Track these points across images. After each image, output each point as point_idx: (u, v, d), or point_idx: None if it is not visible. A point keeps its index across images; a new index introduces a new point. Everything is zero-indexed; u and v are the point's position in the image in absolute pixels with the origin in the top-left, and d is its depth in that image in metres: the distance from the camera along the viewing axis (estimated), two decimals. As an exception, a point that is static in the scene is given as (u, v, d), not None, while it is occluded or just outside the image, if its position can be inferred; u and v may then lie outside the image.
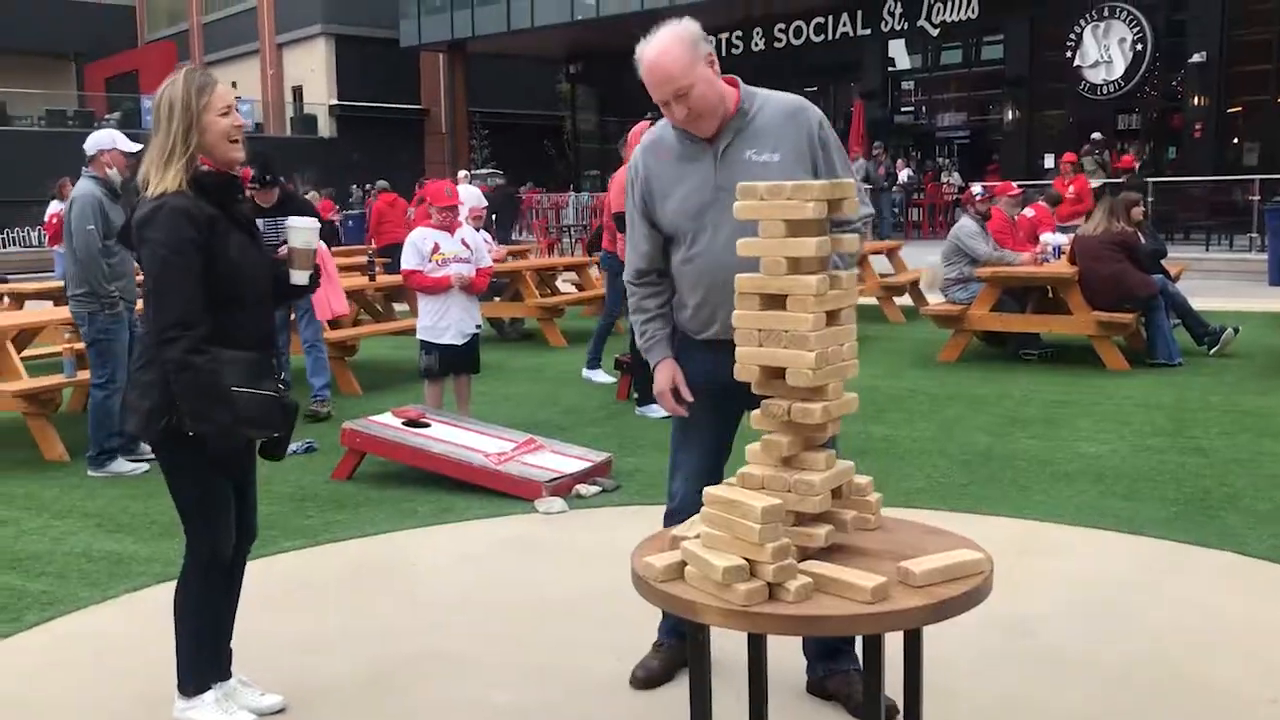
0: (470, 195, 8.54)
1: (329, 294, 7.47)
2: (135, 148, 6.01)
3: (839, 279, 2.44)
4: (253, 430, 2.92)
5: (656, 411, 7.46)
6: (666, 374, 3.13)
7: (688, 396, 3.11)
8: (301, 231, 3.15)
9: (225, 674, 3.15)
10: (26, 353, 7.86)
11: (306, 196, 17.41)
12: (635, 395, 7.63)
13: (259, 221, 7.36)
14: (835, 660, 3.22)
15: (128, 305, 6.13)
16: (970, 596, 2.30)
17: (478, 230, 11.05)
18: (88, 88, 39.67)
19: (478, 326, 6.78)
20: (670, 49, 2.89)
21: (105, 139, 6.17)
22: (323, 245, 7.49)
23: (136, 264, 5.63)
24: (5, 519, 5.37)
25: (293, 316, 7.72)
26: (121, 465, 6.17)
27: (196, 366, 2.77)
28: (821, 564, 2.33)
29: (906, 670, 2.55)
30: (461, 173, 22.76)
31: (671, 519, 3.16)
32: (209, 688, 3.06)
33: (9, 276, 13.45)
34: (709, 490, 2.40)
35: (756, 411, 2.50)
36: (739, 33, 27.35)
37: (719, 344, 2.93)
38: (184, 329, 2.77)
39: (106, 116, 34.76)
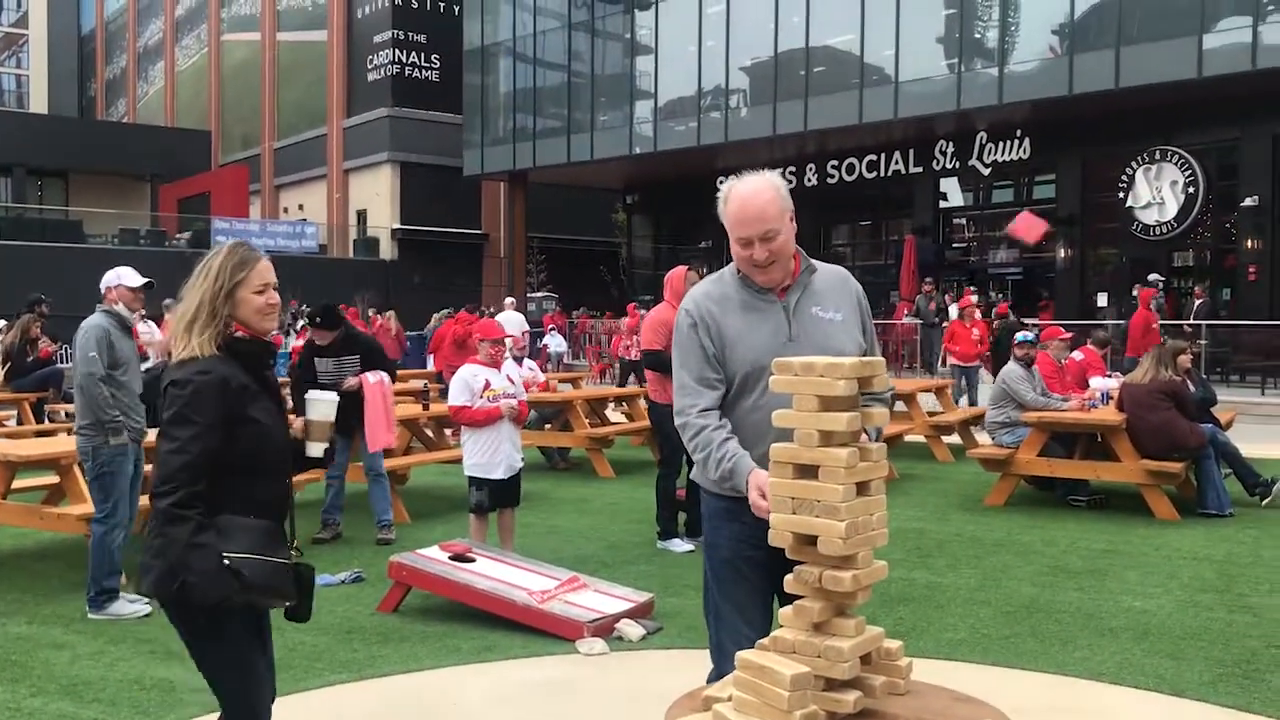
0: (513, 322, 8.78)
1: (384, 425, 7.68)
2: (140, 282, 6.24)
3: (869, 451, 2.56)
4: (264, 598, 2.90)
5: (679, 546, 7.53)
6: (759, 485, 2.84)
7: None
8: (320, 404, 3.17)
9: None
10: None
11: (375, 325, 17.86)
12: (658, 530, 7.70)
13: (319, 361, 7.71)
14: None
15: (133, 438, 6.11)
16: (994, 768, 2.35)
17: (522, 358, 11.35)
18: (161, 208, 41.20)
19: (522, 460, 6.94)
20: (765, 191, 3.03)
21: (112, 277, 6.29)
22: (385, 378, 7.78)
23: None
24: (63, 643, 5.52)
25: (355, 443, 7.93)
26: (122, 607, 5.99)
27: (187, 519, 2.78)
28: (849, 731, 2.39)
29: (933, 841, 2.57)
30: (508, 299, 23.32)
31: None
32: None
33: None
34: (740, 655, 2.49)
35: (790, 577, 2.59)
36: (793, 168, 27.96)
37: None
38: (180, 485, 2.79)
39: (177, 236, 36.03)
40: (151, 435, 6.92)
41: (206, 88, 50.96)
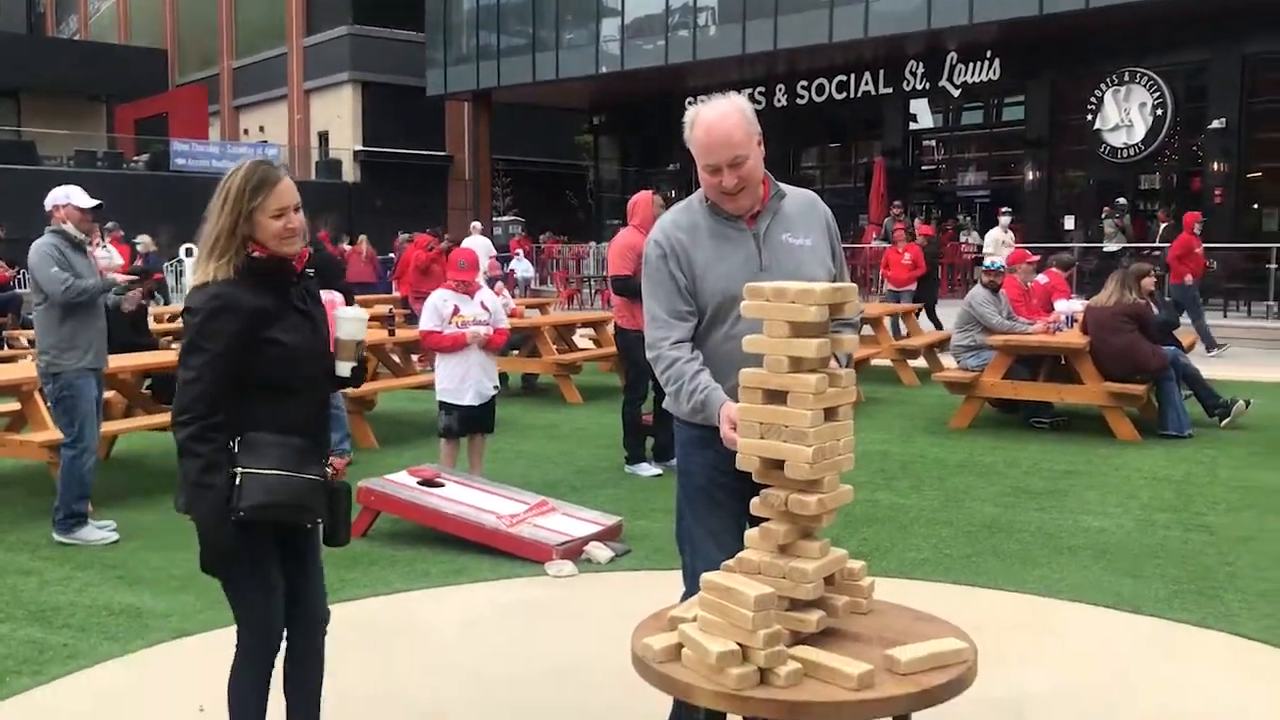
0: (480, 248, 8.70)
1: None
2: (91, 204, 6.05)
3: (838, 377, 2.57)
4: (292, 515, 2.88)
5: (646, 470, 7.59)
6: (730, 417, 2.77)
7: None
8: (346, 322, 3.06)
9: None
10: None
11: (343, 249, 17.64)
12: (625, 454, 7.74)
13: None
14: None
15: (94, 363, 5.97)
16: (954, 685, 2.40)
17: (496, 283, 11.27)
18: (118, 130, 40.37)
19: (495, 387, 6.93)
20: (731, 115, 2.96)
21: (60, 195, 6.08)
22: (337, 298, 7.72)
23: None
24: (30, 569, 5.51)
25: None
26: (90, 533, 5.97)
27: (199, 454, 2.78)
28: (812, 649, 2.43)
29: (894, 755, 2.63)
30: (474, 224, 23.15)
31: None
32: None
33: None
34: (706, 576, 2.52)
35: (757, 500, 2.62)
36: (762, 89, 27.69)
37: None
38: (195, 417, 2.79)
39: (135, 159, 35.37)
40: (113, 362, 6.85)
41: (161, 4, 49.62)
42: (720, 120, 2.95)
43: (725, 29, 26.33)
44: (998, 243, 17.20)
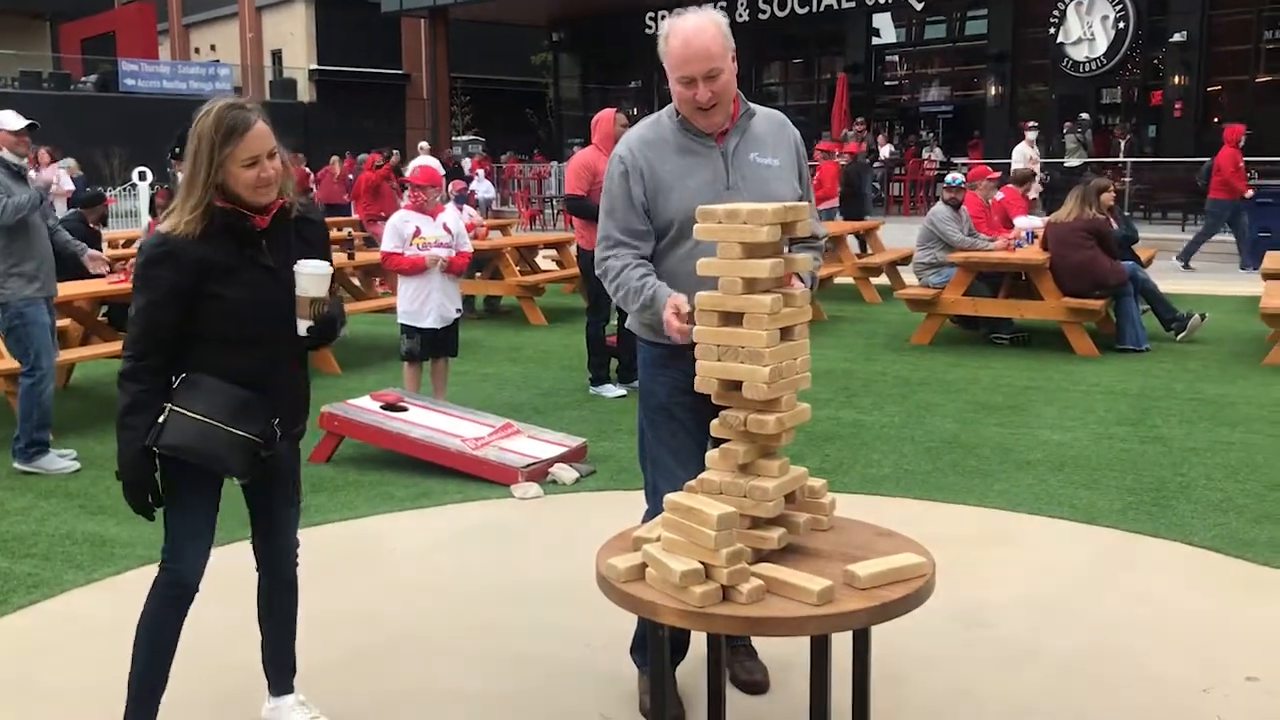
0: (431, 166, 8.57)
1: None
2: (21, 124, 5.79)
3: (793, 297, 2.57)
4: (203, 463, 2.78)
5: (611, 391, 7.61)
6: (675, 305, 2.81)
7: (690, 319, 2.77)
8: (304, 277, 2.84)
9: (278, 689, 3.21)
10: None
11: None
12: (589, 376, 7.75)
13: None
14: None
15: (43, 290, 5.84)
16: (912, 599, 2.44)
17: (463, 204, 11.14)
18: (63, 49, 39.32)
19: (458, 310, 6.89)
20: (709, 28, 2.92)
21: None
22: None
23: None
24: (-11, 499, 5.47)
25: None
26: (51, 461, 5.94)
27: (127, 392, 2.78)
28: (773, 566, 2.46)
29: (855, 668, 2.69)
30: (422, 144, 22.94)
31: None
32: None
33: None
34: (668, 497, 2.54)
35: (716, 420, 2.63)
36: (723, 4, 27.26)
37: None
38: (131, 356, 2.79)
39: (83, 79, 34.51)
40: (67, 290, 6.74)
41: (105, -82, 47.97)
42: (698, 32, 2.91)
43: (686, -59, 25.86)
44: (1025, 158, 16.59)
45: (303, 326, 2.88)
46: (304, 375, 3.07)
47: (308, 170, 21.96)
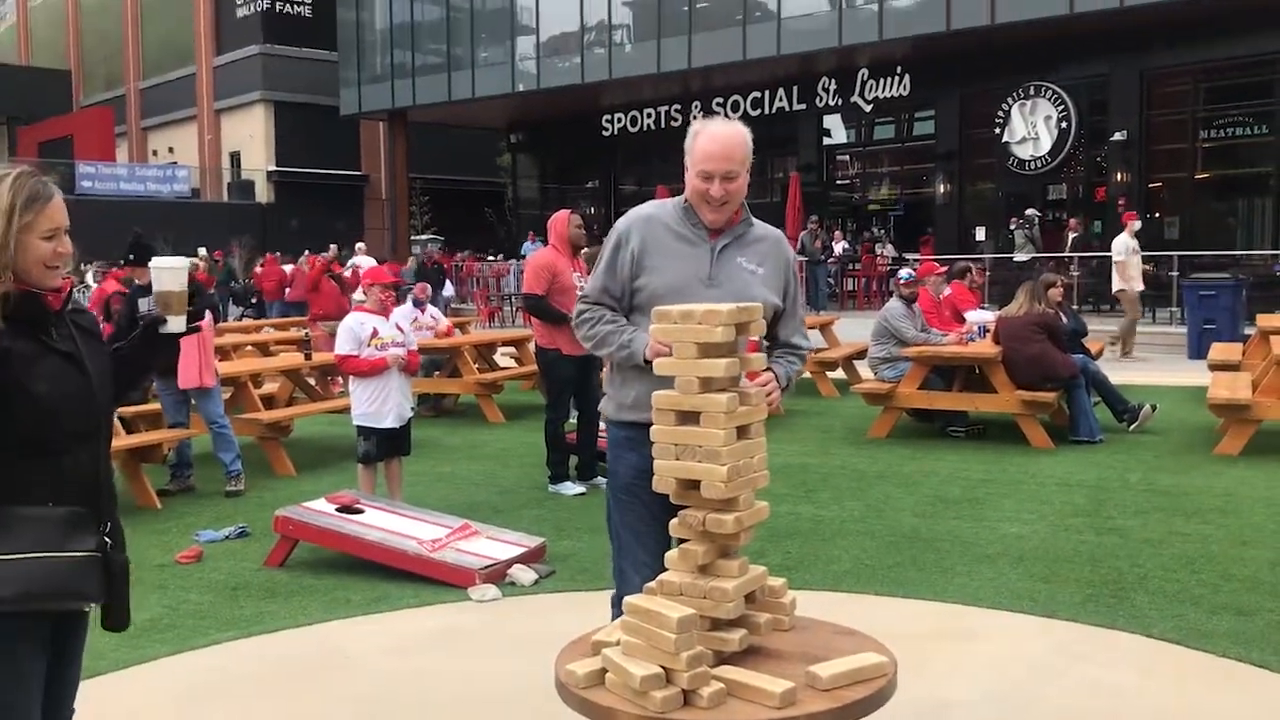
0: (368, 265, 8.66)
1: (195, 363, 7.51)
2: None
3: (748, 395, 2.59)
4: (57, 603, 2.40)
5: (570, 489, 7.56)
6: (657, 337, 2.78)
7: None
8: (165, 273, 2.67)
9: None
10: None
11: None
12: (548, 474, 7.71)
13: (142, 301, 7.53)
14: None
15: None
16: (874, 699, 2.43)
17: (427, 305, 11.17)
18: (20, 152, 39.24)
19: (413, 408, 6.87)
20: (738, 135, 3.18)
21: None
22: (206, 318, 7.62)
23: None
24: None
25: (193, 401, 7.80)
26: None
27: None
28: (734, 669, 2.44)
29: (818, 770, 2.65)
30: (359, 245, 23.23)
31: None
32: None
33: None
34: (627, 600, 2.52)
35: (674, 520, 2.63)
36: (678, 105, 27.91)
37: None
38: None
39: (40, 182, 34.42)
40: None
41: (63, 23, 48.48)
42: (729, 135, 3.17)
43: (641, 47, 26.51)
44: (1128, 249, 15.71)
45: (179, 324, 2.68)
46: (112, 478, 2.68)
47: (284, 269, 22.06)
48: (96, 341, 2.61)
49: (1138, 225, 16.13)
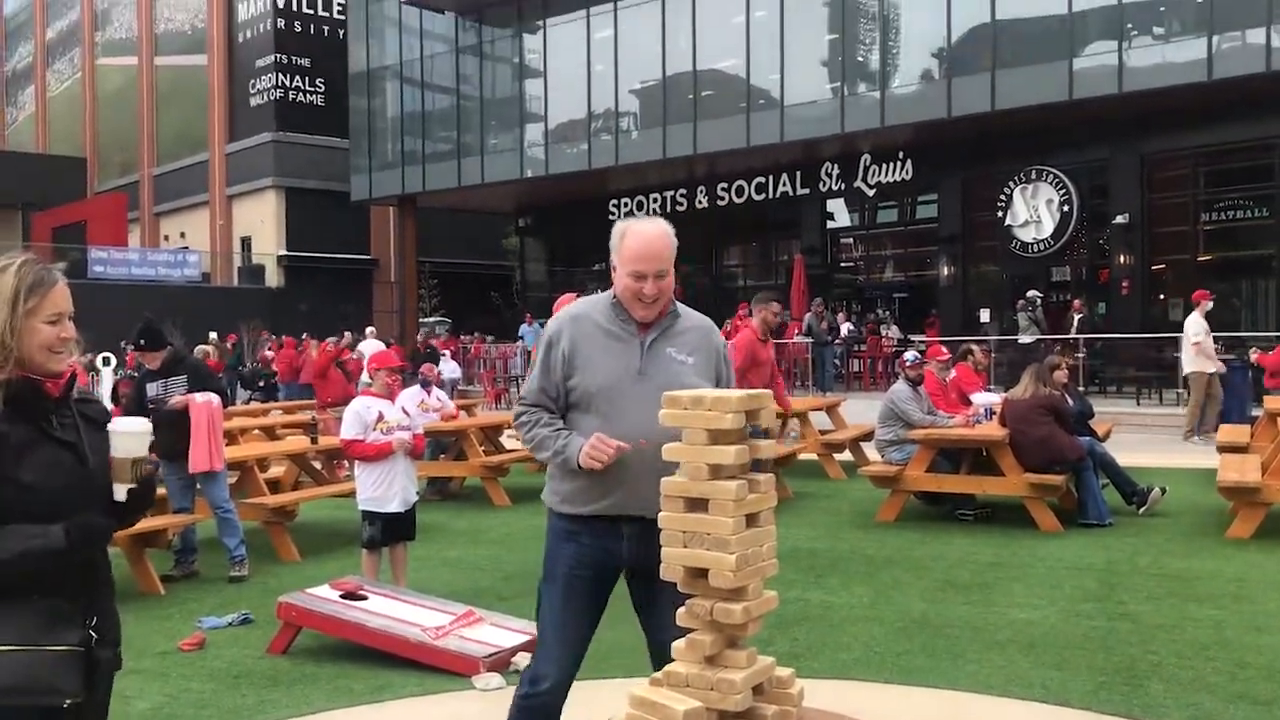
0: (373, 350, 8.71)
1: (205, 447, 7.51)
2: None
3: (758, 483, 2.59)
4: (35, 699, 2.34)
5: None
6: (590, 440, 3.16)
7: (619, 444, 3.15)
8: (120, 437, 2.54)
9: None
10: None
11: (205, 350, 17.43)
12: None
13: (150, 386, 7.55)
14: None
15: None
16: (886, 795, 2.38)
17: (431, 386, 11.18)
18: (34, 237, 39.74)
19: (418, 492, 6.86)
20: (665, 235, 3.31)
21: None
22: (214, 399, 7.63)
23: None
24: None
25: (199, 485, 7.78)
26: None
27: None
28: (743, 764, 2.41)
29: None
30: (369, 329, 23.37)
31: (542, 712, 3.38)
32: None
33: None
34: (632, 693, 2.49)
35: (682, 609, 2.61)
36: (683, 190, 28.25)
37: (604, 522, 3.25)
38: None
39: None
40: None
41: (81, 113, 49.44)
42: (658, 236, 3.29)
43: (647, 133, 26.93)
44: (1204, 329, 14.71)
45: (121, 491, 2.53)
46: (108, 568, 2.62)
47: (296, 351, 22.19)
48: (102, 431, 2.58)
49: (1209, 305, 14.98)
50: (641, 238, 3.26)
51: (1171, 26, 19.75)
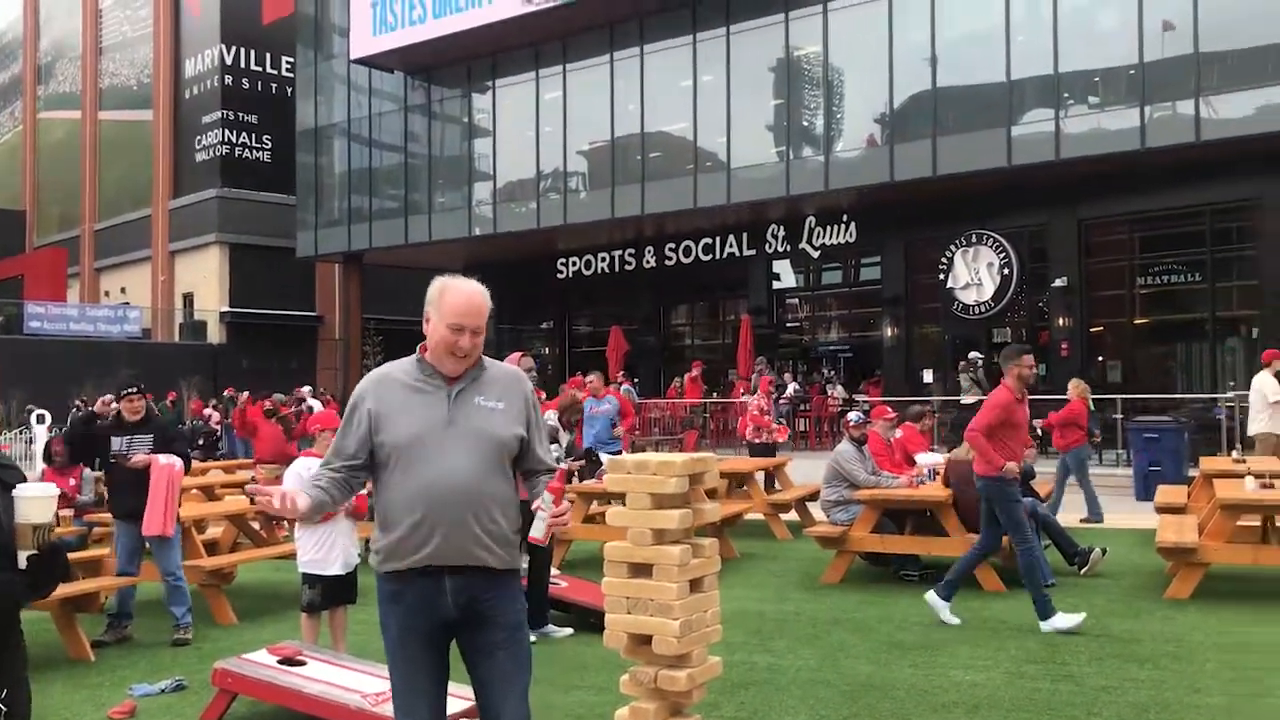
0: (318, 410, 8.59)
1: (160, 510, 7.37)
2: None
3: (701, 547, 2.58)
4: None
5: (558, 633, 7.42)
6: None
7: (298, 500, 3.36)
8: (23, 501, 2.48)
9: None
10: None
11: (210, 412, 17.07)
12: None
13: (115, 440, 7.41)
14: None
15: None
16: None
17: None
18: (-29, 292, 39.08)
19: (359, 554, 6.74)
20: (482, 293, 3.48)
21: None
22: (177, 463, 7.50)
23: None
24: None
25: (149, 548, 7.61)
26: None
27: None
28: (687, 835, 2.37)
29: None
30: (304, 389, 23.09)
31: None
32: None
33: None
34: (576, 762, 2.45)
35: (625, 677, 2.58)
36: (632, 250, 28.41)
37: (431, 573, 3.25)
38: None
39: (-14, 321, 34.18)
40: None
41: (20, 166, 48.84)
42: (477, 293, 3.46)
43: (595, 194, 27.10)
44: (1272, 392, 13.37)
45: (22, 558, 2.45)
46: (19, 634, 2.51)
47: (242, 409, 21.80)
48: (8, 495, 2.48)
49: None
50: (463, 294, 3.39)
51: (1106, 96, 20.32)
